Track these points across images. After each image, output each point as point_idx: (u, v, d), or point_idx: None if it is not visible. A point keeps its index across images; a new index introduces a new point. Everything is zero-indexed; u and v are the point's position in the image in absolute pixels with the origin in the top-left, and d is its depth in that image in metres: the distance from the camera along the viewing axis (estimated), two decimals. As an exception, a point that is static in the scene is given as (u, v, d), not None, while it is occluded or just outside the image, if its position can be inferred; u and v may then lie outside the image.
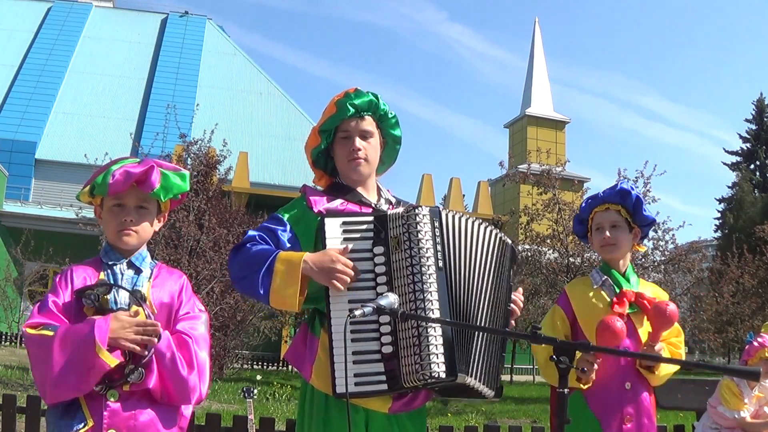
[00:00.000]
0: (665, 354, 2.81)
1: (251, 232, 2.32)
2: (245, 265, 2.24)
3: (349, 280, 2.14)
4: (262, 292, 2.19)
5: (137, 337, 2.09)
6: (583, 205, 3.10)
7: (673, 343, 2.92)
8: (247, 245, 2.28)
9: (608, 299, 2.87)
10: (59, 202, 27.17)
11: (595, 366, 2.71)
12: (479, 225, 2.32)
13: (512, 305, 2.40)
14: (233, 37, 51.41)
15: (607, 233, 2.92)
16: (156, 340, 2.12)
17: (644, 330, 2.86)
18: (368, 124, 2.41)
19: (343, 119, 2.38)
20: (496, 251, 2.34)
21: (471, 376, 2.17)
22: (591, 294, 2.90)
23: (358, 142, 2.37)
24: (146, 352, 2.11)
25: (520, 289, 2.47)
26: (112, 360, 2.04)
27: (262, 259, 2.20)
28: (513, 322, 2.43)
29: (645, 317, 2.86)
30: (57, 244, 20.67)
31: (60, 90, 36.45)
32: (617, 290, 2.88)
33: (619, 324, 2.64)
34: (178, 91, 35.48)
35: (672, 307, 2.71)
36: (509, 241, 2.41)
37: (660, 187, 20.59)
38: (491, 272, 2.31)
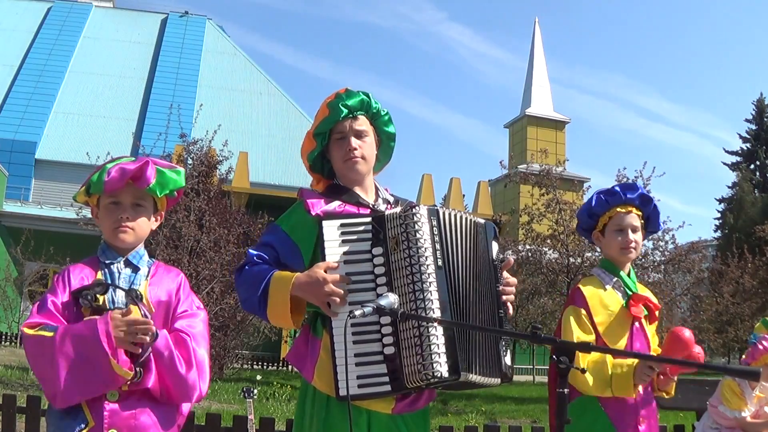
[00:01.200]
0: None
1: (250, 251, 2.35)
2: (246, 288, 2.29)
3: (343, 292, 2.15)
4: (262, 314, 2.28)
5: (127, 336, 2.07)
6: (596, 199, 2.99)
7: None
8: (246, 267, 2.32)
9: (621, 301, 2.85)
10: (59, 202, 27.18)
11: (657, 371, 2.68)
12: (466, 219, 2.31)
13: (505, 296, 2.36)
14: (233, 37, 51.41)
15: (632, 236, 2.88)
16: (147, 338, 2.10)
17: (650, 331, 2.87)
18: (362, 123, 2.41)
19: (336, 121, 2.38)
20: (478, 238, 2.32)
21: (473, 373, 2.17)
22: (604, 294, 2.87)
23: (354, 141, 2.38)
24: (140, 350, 2.11)
25: (510, 260, 2.41)
26: (126, 373, 2.06)
27: (257, 283, 2.25)
28: (510, 308, 2.39)
29: (649, 321, 2.88)
30: (57, 244, 20.69)
31: (60, 90, 36.46)
32: (628, 292, 2.88)
33: (687, 333, 2.63)
34: (178, 91, 35.48)
35: (688, 333, 2.66)
36: (482, 221, 2.38)
37: (660, 187, 20.66)
38: (480, 263, 2.30)
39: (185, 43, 40.77)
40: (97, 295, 2.15)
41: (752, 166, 43.33)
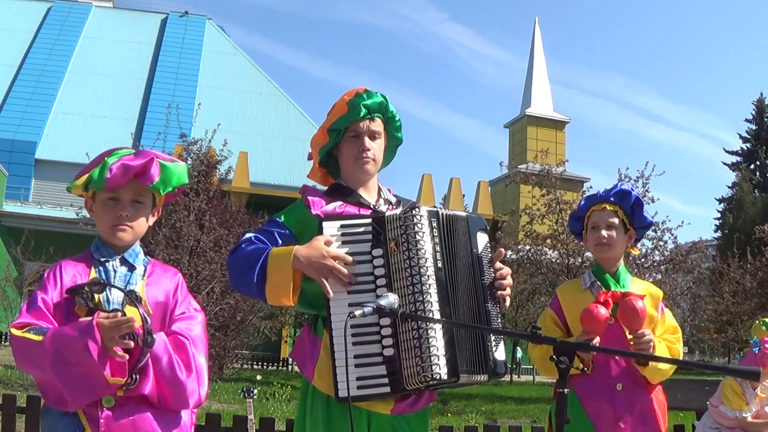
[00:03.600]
0: (661, 349, 2.78)
1: (247, 234, 2.32)
2: (240, 265, 2.23)
3: (344, 272, 2.12)
4: (257, 290, 2.19)
5: (111, 342, 1.94)
6: (582, 203, 3.10)
7: (668, 339, 2.89)
8: (242, 246, 2.27)
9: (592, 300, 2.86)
10: (59, 202, 27.18)
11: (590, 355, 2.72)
12: (449, 216, 2.29)
13: (500, 289, 2.31)
14: (233, 37, 51.45)
15: (603, 233, 2.91)
16: (131, 343, 1.98)
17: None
18: (378, 125, 2.42)
19: (354, 119, 2.38)
20: (459, 232, 2.28)
21: (472, 374, 2.17)
22: (579, 296, 2.90)
23: (368, 141, 2.38)
24: (126, 357, 1.99)
25: (501, 251, 2.38)
26: (118, 381, 1.96)
27: (255, 258, 2.20)
28: (507, 302, 2.34)
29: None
30: (57, 244, 20.64)
31: (60, 90, 36.49)
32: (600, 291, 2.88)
33: (602, 311, 2.65)
34: (178, 91, 35.50)
35: (641, 304, 2.68)
36: (463, 214, 2.35)
37: (660, 187, 20.70)
38: (466, 258, 2.27)
39: (185, 43, 40.79)
40: (94, 294, 2.05)
41: (752, 166, 43.37)
